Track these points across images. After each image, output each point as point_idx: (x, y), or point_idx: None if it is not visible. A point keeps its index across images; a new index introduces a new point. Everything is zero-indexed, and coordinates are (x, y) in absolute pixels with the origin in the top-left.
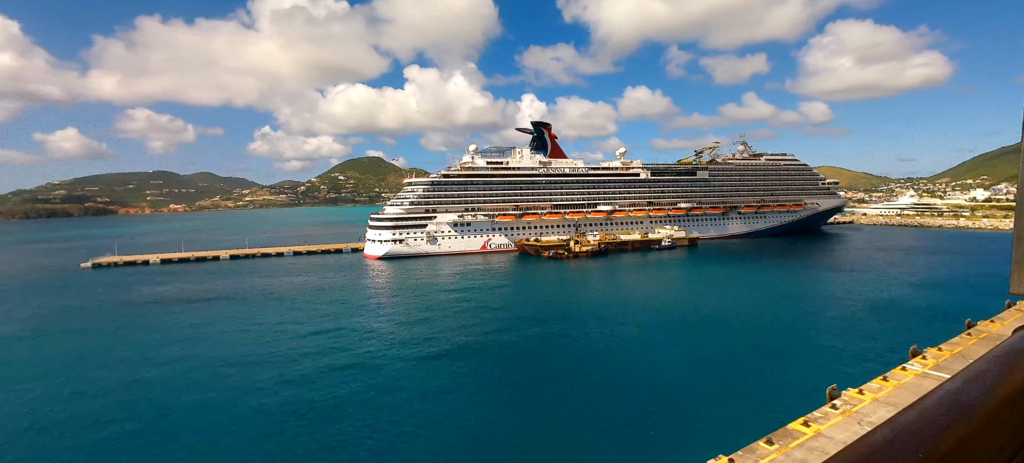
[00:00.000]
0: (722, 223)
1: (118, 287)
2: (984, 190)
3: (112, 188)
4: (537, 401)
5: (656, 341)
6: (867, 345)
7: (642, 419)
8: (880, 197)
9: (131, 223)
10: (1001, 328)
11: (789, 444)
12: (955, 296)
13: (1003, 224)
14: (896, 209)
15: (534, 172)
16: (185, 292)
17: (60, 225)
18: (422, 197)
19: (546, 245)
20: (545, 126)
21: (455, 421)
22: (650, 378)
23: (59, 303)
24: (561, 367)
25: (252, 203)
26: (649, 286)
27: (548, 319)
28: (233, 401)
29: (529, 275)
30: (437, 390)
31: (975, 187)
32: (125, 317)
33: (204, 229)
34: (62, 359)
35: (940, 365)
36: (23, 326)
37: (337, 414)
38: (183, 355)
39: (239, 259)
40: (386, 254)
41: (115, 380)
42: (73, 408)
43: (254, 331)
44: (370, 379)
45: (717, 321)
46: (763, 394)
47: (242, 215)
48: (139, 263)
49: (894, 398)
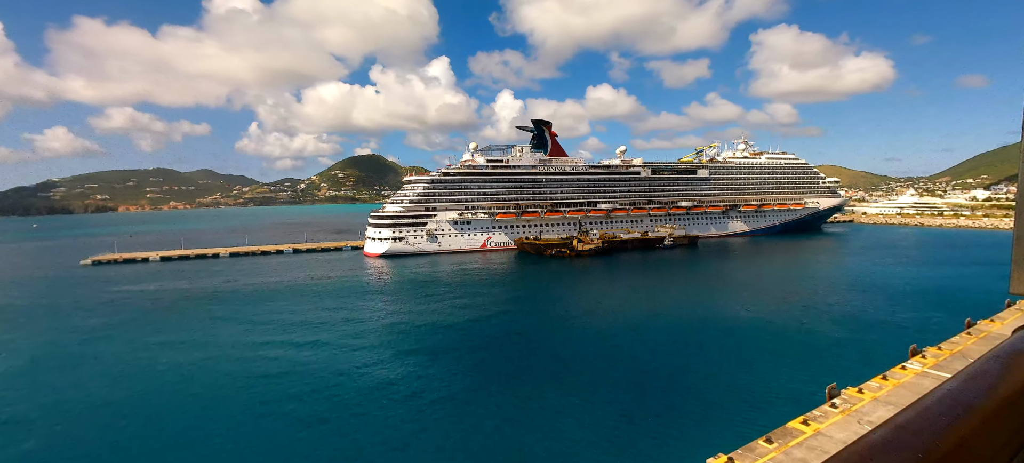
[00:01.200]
0: (722, 222)
1: (117, 284)
2: (984, 189)
3: (112, 185)
4: (537, 400)
5: (656, 340)
6: (867, 344)
7: (642, 418)
8: (880, 196)
9: (131, 220)
10: (1001, 328)
11: (789, 443)
12: (955, 296)
13: (1003, 224)
14: (896, 208)
15: (534, 170)
16: (185, 292)
17: (60, 222)
18: (422, 195)
19: (548, 243)
20: (545, 124)
21: (455, 421)
22: (650, 377)
23: (59, 304)
24: (561, 366)
25: (252, 200)
26: (649, 285)
27: (550, 318)
28: (226, 400)
29: (532, 273)
30: (437, 390)
31: (975, 186)
32: (120, 316)
33: (202, 228)
34: (49, 360)
35: (940, 365)
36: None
37: (336, 414)
38: (182, 355)
39: (239, 257)
40: (386, 252)
41: (103, 383)
42: (63, 410)
43: (252, 331)
44: (370, 379)
45: (717, 319)
46: (763, 393)
47: (242, 213)
48: (139, 260)
49: (894, 397)
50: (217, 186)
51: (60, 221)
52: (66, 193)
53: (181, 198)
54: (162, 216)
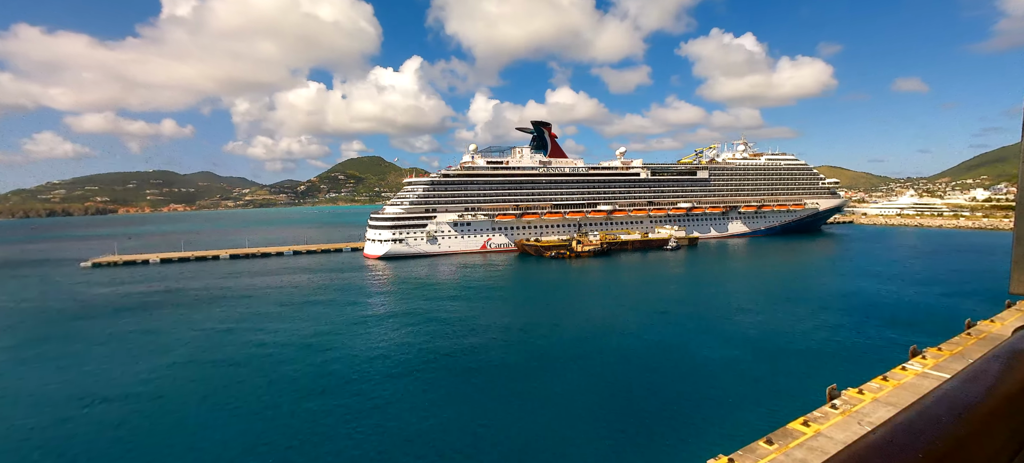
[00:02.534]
0: (722, 223)
1: (115, 286)
2: (984, 190)
3: (112, 188)
4: (538, 401)
5: (656, 341)
6: (867, 345)
7: (642, 419)
8: (880, 197)
9: (131, 223)
10: (1001, 328)
11: (789, 444)
12: (955, 296)
13: (1003, 224)
14: (896, 209)
15: (534, 172)
16: (183, 290)
17: (59, 224)
18: (422, 197)
19: (548, 245)
20: (545, 126)
21: (455, 421)
22: (650, 378)
23: (59, 303)
24: (562, 367)
25: (252, 202)
26: (649, 286)
27: (550, 319)
28: (222, 402)
29: (532, 275)
30: (435, 390)
31: (975, 187)
32: (118, 317)
33: (202, 229)
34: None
35: (940, 365)
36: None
37: (334, 414)
38: (179, 355)
39: (239, 259)
40: (386, 254)
41: (107, 381)
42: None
43: (250, 331)
44: (368, 379)
45: (717, 320)
46: (763, 394)
47: (243, 214)
48: (139, 263)
49: (894, 398)
50: (217, 188)
51: (58, 223)
52: (66, 196)
53: (181, 200)
54: (163, 217)
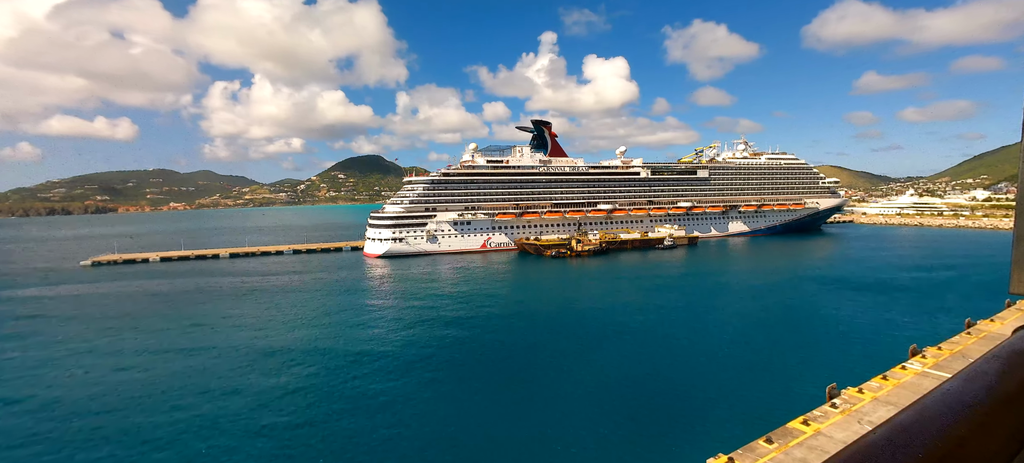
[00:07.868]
0: (722, 222)
1: (115, 284)
2: (984, 190)
3: (112, 186)
4: (538, 400)
5: (656, 340)
6: (867, 344)
7: (642, 418)
8: (880, 196)
9: (131, 221)
10: (1001, 328)
11: (789, 443)
12: (955, 296)
13: (1003, 224)
14: (896, 209)
15: (534, 171)
16: (183, 291)
17: (59, 222)
18: (422, 196)
19: (548, 244)
20: (545, 125)
21: (455, 421)
22: (649, 377)
23: (58, 303)
24: (562, 366)
25: (252, 201)
26: (649, 285)
27: (550, 318)
28: (219, 403)
29: (532, 274)
30: (435, 390)
31: (975, 187)
32: (120, 316)
33: (202, 229)
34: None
35: (940, 364)
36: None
37: (334, 414)
38: (177, 356)
39: (239, 257)
40: (386, 253)
41: (97, 376)
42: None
43: (249, 331)
44: (369, 378)
45: (717, 320)
46: (763, 393)
47: (243, 213)
48: (139, 261)
49: (894, 397)
50: (217, 187)
51: (58, 222)
52: (65, 194)
53: (181, 199)
54: (163, 216)
